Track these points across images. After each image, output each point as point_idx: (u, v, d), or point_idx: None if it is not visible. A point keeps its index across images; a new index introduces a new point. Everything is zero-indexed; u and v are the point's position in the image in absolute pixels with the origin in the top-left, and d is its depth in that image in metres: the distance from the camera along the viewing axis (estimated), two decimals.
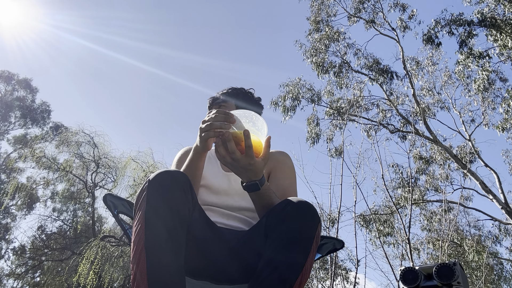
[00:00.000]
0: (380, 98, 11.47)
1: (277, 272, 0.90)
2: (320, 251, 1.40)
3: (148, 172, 10.55)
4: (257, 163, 1.00)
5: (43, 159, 12.41)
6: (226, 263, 1.11)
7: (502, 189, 9.50)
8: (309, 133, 10.99)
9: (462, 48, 9.83)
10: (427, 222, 11.30)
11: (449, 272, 2.46)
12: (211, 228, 1.14)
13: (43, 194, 15.73)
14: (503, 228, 11.05)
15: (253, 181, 1.05)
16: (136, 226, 0.94)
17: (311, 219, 0.99)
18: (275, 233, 0.98)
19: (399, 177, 10.97)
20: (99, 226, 14.25)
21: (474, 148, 10.49)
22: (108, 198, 1.39)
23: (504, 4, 9.19)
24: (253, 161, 0.99)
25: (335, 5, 12.05)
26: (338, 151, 10.08)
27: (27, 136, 17.27)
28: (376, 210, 10.54)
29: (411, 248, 6.12)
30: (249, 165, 1.00)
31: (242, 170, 1.02)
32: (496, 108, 10.34)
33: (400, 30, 11.27)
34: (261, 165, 1.02)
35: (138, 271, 0.87)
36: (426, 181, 11.12)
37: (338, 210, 4.99)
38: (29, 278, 14.41)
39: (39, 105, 17.98)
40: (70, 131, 12.48)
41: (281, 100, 11.26)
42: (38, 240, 14.71)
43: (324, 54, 11.43)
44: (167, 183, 0.97)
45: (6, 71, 17.80)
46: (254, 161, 0.99)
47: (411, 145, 11.03)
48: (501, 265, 12.52)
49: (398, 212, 7.30)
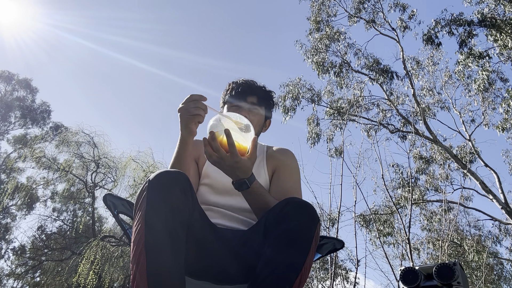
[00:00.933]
0: (380, 98, 11.48)
1: (277, 272, 0.90)
2: (320, 251, 1.40)
3: (148, 172, 10.55)
4: (243, 161, 1.03)
5: (43, 159, 12.42)
6: (226, 263, 1.11)
7: (502, 189, 9.50)
8: (309, 133, 10.99)
9: (462, 48, 9.83)
10: (427, 222, 11.30)
11: (449, 272, 2.45)
12: (211, 228, 1.14)
13: (43, 194, 15.76)
14: (503, 228, 11.06)
15: (242, 179, 1.07)
16: (136, 226, 0.94)
17: (310, 219, 0.99)
18: (274, 233, 0.98)
19: (399, 177, 10.99)
20: (99, 226, 14.25)
21: (474, 148, 10.49)
22: (108, 198, 1.39)
23: (504, 4, 9.18)
24: (238, 159, 1.02)
25: (336, 5, 12.06)
26: (338, 151, 10.07)
27: (27, 136, 17.27)
28: (376, 210, 10.54)
29: (411, 248, 6.11)
30: (235, 163, 1.02)
31: (228, 169, 1.05)
32: (496, 108, 10.34)
33: (400, 30, 11.29)
34: (248, 163, 1.05)
35: (138, 271, 0.87)
36: (426, 181, 11.12)
37: (338, 210, 4.99)
38: (29, 278, 14.41)
39: (39, 105, 17.99)
40: (70, 131, 12.48)
41: (281, 100, 11.26)
42: (38, 240, 14.71)
43: (324, 54, 11.43)
44: (167, 183, 0.97)
45: (6, 71, 17.80)
46: (240, 159, 1.02)
47: (411, 145, 11.05)
48: (501, 265, 12.54)
49: (398, 212, 7.30)
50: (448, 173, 10.98)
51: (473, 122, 11.05)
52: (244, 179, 1.08)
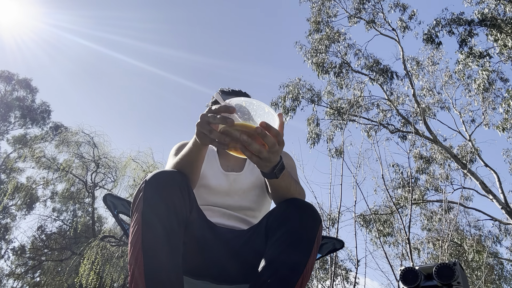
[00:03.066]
0: (380, 98, 11.48)
1: (279, 272, 0.90)
2: (320, 251, 1.40)
3: (148, 172, 10.55)
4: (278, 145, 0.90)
5: (42, 159, 12.43)
6: (226, 263, 1.11)
7: (502, 189, 9.51)
8: (309, 133, 11.00)
9: (462, 47, 9.84)
10: (427, 222, 11.30)
11: (449, 272, 2.45)
12: (210, 227, 1.14)
13: (43, 194, 15.75)
14: (503, 228, 11.06)
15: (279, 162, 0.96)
16: (133, 226, 0.93)
17: (312, 220, 0.99)
18: (276, 234, 0.97)
19: (399, 177, 10.99)
20: (99, 226, 14.25)
21: (475, 148, 10.49)
22: (108, 198, 1.39)
23: (504, 3, 9.19)
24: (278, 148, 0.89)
25: (336, 5, 12.07)
26: (338, 151, 10.08)
27: (27, 136, 17.26)
28: (376, 210, 10.54)
29: (411, 248, 6.11)
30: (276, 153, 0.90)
31: (270, 164, 0.93)
32: (497, 108, 10.35)
33: (400, 30, 11.29)
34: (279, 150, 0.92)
35: (136, 271, 0.87)
36: (426, 181, 11.12)
37: (338, 210, 5.00)
38: (29, 278, 14.41)
39: (39, 105, 17.98)
40: (69, 131, 12.49)
41: (281, 100, 11.26)
42: (38, 240, 14.70)
43: (324, 54, 11.44)
44: (165, 183, 0.97)
45: (6, 71, 17.80)
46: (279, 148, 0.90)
47: (411, 145, 11.04)
48: (501, 265, 12.53)
49: (398, 212, 7.29)
50: (448, 173, 10.99)
51: (473, 122, 11.07)
52: (280, 162, 0.97)
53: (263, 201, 1.38)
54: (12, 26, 20.26)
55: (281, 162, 0.97)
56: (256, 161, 0.90)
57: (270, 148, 0.87)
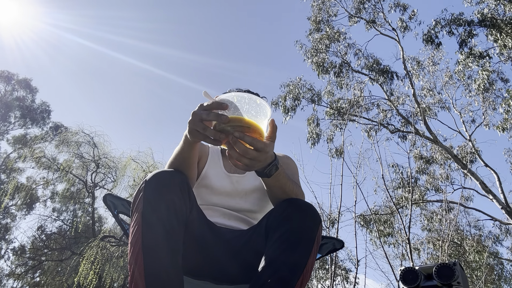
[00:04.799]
0: (380, 98, 11.48)
1: (278, 272, 0.89)
2: (320, 251, 1.40)
3: (148, 172, 10.55)
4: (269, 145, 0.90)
5: (42, 159, 12.41)
6: (226, 263, 1.11)
7: (502, 189, 9.50)
8: (309, 133, 10.99)
9: (462, 48, 9.84)
10: (428, 222, 11.30)
11: (449, 272, 2.45)
12: (210, 227, 1.14)
13: (43, 194, 15.76)
14: (503, 228, 11.07)
15: (271, 162, 0.97)
16: (133, 226, 0.93)
17: (312, 220, 0.99)
18: (276, 234, 0.97)
19: (399, 177, 10.98)
20: (99, 226, 14.25)
21: (475, 148, 10.49)
22: (108, 198, 1.39)
23: (504, 4, 9.18)
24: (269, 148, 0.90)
25: (336, 5, 12.07)
26: (339, 151, 10.07)
27: (27, 136, 17.26)
28: (377, 210, 10.54)
29: (411, 248, 6.11)
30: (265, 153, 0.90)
31: (260, 164, 0.93)
32: (497, 108, 10.35)
33: (400, 30, 11.29)
34: (272, 146, 0.92)
35: (136, 271, 0.87)
36: (427, 181, 11.12)
37: (338, 210, 5.00)
38: (29, 278, 14.41)
39: (39, 105, 17.99)
40: (70, 131, 12.48)
41: (282, 100, 11.26)
42: (38, 240, 14.71)
43: (324, 54, 11.44)
44: (164, 182, 0.97)
45: (6, 71, 17.80)
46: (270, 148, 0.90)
47: (411, 145, 11.05)
48: (501, 265, 12.52)
49: (398, 212, 7.29)
50: (449, 173, 10.99)
51: (473, 122, 11.08)
52: (273, 162, 0.97)
53: (265, 204, 1.38)
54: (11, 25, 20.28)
55: (273, 162, 0.97)
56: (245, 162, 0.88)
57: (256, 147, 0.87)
